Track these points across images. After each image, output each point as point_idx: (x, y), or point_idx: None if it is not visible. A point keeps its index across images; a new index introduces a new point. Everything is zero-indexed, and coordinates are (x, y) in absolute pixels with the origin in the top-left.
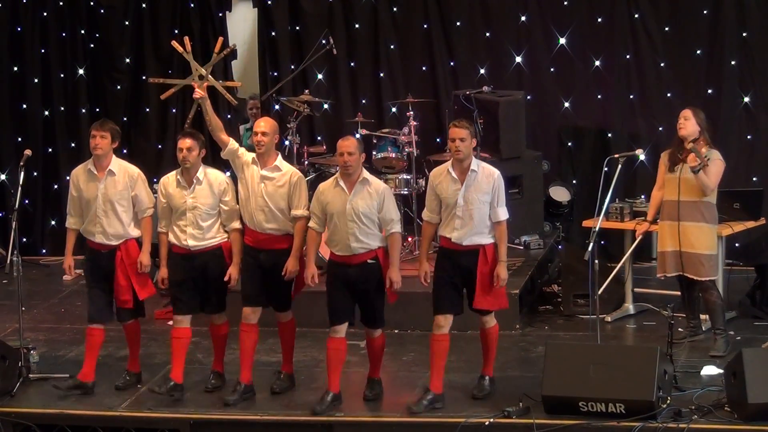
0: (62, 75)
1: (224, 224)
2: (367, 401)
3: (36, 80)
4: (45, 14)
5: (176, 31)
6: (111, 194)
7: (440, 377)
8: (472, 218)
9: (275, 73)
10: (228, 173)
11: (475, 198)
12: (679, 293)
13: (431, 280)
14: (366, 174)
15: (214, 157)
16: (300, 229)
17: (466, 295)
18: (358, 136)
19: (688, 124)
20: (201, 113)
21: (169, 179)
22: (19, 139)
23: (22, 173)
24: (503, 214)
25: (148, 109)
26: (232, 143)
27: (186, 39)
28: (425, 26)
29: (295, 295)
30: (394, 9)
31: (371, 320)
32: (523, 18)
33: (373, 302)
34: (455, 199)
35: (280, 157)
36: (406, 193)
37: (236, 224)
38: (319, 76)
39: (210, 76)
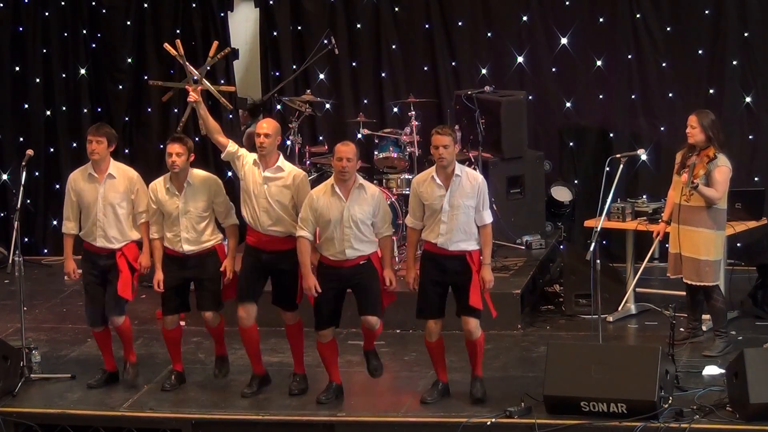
0: (64, 75)
1: (222, 222)
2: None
3: (38, 80)
4: (47, 14)
5: (178, 31)
6: (111, 198)
7: (445, 369)
8: (458, 223)
9: (277, 73)
10: (230, 174)
11: (461, 203)
12: (680, 293)
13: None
14: (360, 179)
15: (216, 159)
16: None
17: (453, 300)
18: (359, 136)
19: (695, 132)
20: (194, 117)
21: (158, 186)
22: (21, 139)
23: (24, 173)
24: (488, 217)
25: (149, 109)
26: (231, 145)
27: (178, 42)
28: (427, 26)
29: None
30: (396, 9)
31: (369, 307)
32: (524, 18)
33: (369, 289)
34: (441, 205)
35: (281, 157)
36: (407, 193)
37: (232, 219)
38: (321, 76)
39: (204, 80)
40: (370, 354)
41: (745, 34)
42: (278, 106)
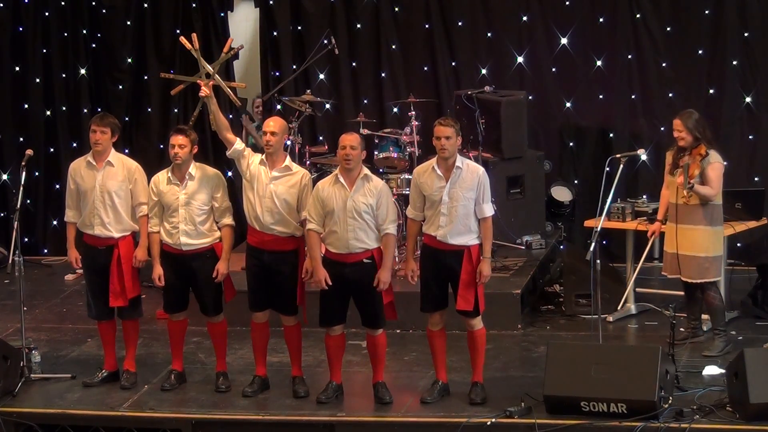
0: (64, 75)
1: (216, 220)
2: (385, 404)
3: (38, 80)
4: (47, 14)
5: (178, 31)
6: (109, 185)
7: (445, 367)
8: (458, 215)
9: (277, 73)
10: (230, 173)
11: (461, 195)
12: (679, 293)
13: (418, 279)
14: (367, 171)
15: (216, 157)
16: None
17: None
18: (364, 133)
19: (683, 135)
20: (205, 112)
21: (160, 177)
22: (21, 139)
23: (24, 173)
24: (489, 210)
25: (149, 109)
26: (239, 143)
27: (194, 36)
28: (427, 26)
29: (302, 303)
30: (396, 9)
31: (372, 322)
32: (524, 18)
33: (371, 303)
34: (440, 196)
35: (288, 157)
36: (407, 193)
37: (228, 220)
38: (321, 76)
39: (217, 75)
40: (379, 386)
41: (745, 34)
42: (278, 106)
